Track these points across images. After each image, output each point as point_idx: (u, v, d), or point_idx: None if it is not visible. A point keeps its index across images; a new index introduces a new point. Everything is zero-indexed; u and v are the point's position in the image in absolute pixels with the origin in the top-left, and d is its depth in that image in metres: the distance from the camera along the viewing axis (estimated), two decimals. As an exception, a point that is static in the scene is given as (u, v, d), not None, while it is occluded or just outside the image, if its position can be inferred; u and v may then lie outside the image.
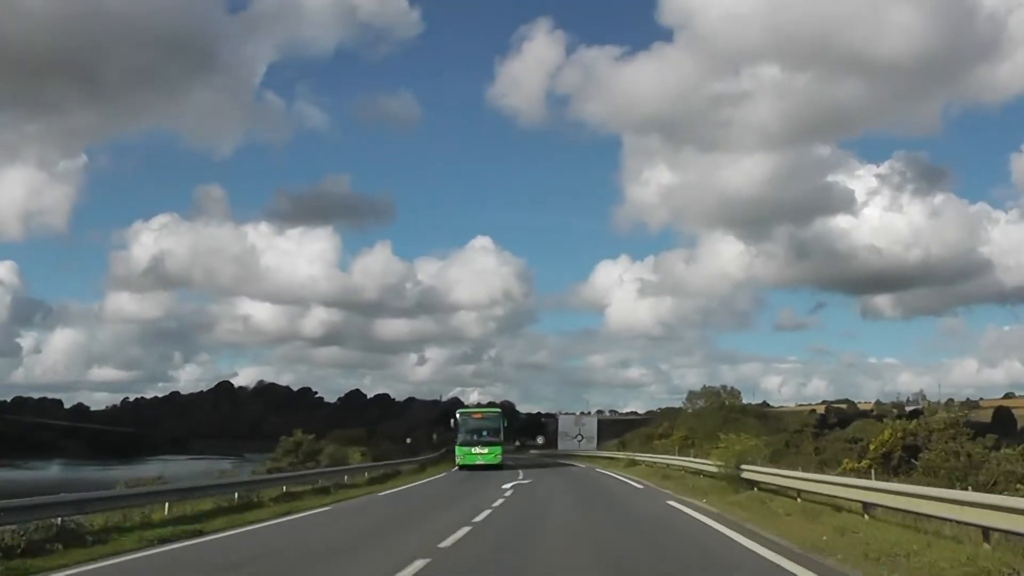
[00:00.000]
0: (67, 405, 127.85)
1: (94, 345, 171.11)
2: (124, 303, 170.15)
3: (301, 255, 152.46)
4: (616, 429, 76.93)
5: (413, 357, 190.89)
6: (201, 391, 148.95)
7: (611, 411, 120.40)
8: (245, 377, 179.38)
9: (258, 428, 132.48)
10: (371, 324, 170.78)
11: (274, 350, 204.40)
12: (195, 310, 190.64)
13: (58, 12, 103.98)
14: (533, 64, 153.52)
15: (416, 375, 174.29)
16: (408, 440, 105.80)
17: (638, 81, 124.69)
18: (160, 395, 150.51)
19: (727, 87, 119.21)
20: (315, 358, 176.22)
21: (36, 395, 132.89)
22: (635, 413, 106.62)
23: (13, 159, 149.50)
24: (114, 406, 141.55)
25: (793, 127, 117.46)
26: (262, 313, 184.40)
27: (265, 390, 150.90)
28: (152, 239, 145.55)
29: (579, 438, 66.34)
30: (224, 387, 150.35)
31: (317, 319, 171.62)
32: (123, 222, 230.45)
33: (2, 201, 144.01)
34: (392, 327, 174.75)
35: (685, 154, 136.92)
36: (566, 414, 73.12)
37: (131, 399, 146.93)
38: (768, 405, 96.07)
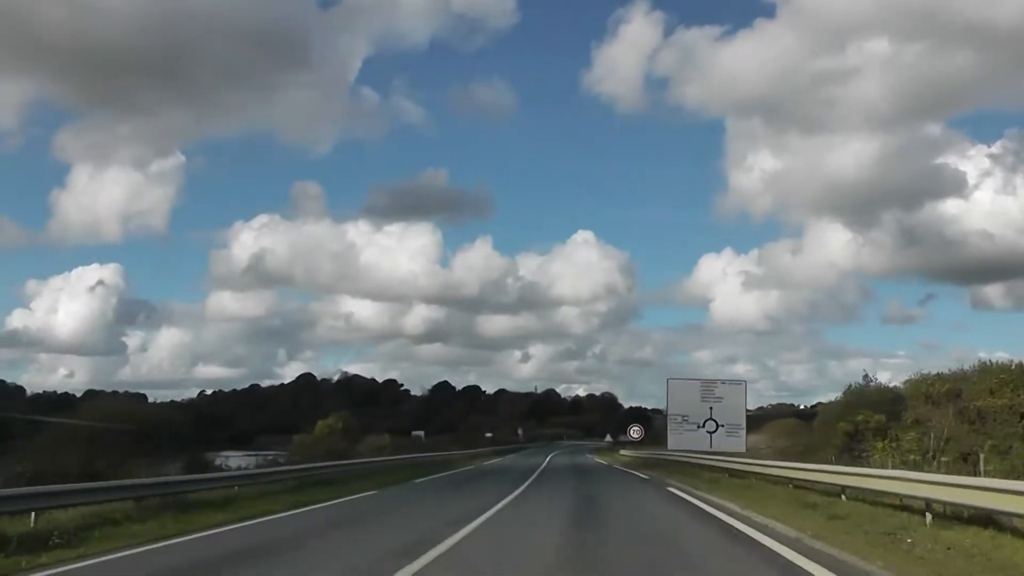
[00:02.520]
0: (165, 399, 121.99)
1: (198, 344, 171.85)
2: (226, 302, 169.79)
3: (401, 251, 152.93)
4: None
5: (517, 354, 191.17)
6: (281, 384, 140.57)
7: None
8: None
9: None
10: (473, 320, 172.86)
11: (377, 347, 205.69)
12: (297, 308, 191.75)
13: (146, 10, 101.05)
14: (630, 47, 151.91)
15: (520, 371, 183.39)
16: (489, 435, 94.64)
17: (739, 61, 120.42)
18: (238, 388, 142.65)
19: (832, 63, 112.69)
20: (419, 355, 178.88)
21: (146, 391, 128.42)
22: (747, 409, 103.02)
23: (110, 161, 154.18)
24: (190, 400, 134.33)
25: (901, 105, 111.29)
26: (364, 310, 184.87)
27: (348, 383, 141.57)
28: (252, 238, 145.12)
29: (710, 426, 36.08)
30: (305, 379, 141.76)
31: (419, 316, 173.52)
32: (221, 221, 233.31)
33: (103, 203, 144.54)
34: (495, 323, 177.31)
35: (789, 137, 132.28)
36: (683, 380, 38.79)
37: (208, 393, 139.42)
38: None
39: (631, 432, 60.33)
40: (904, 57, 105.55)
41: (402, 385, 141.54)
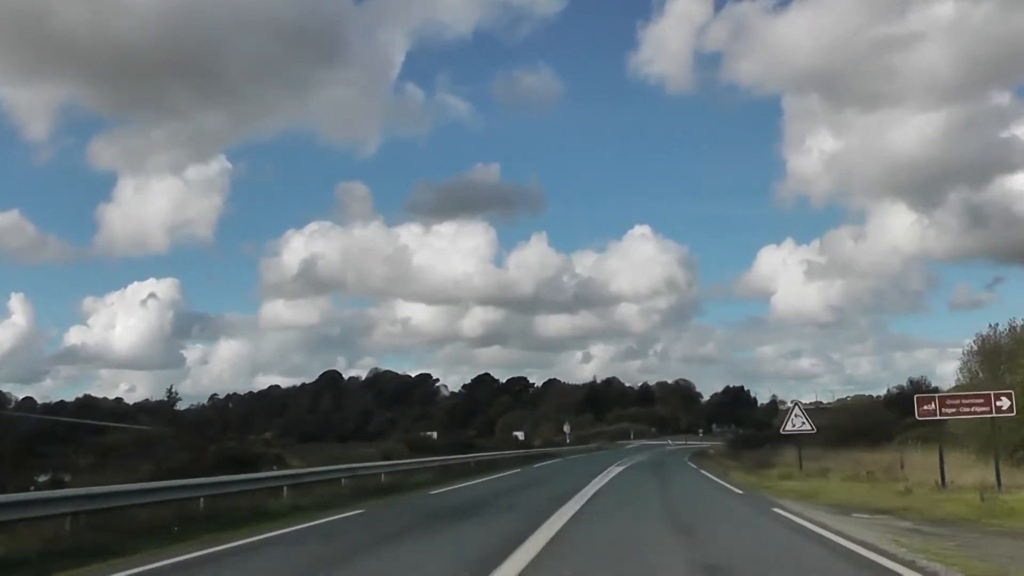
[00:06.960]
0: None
1: (257, 354, 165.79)
2: (280, 310, 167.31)
3: (454, 251, 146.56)
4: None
5: (578, 354, 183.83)
6: (303, 384, 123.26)
7: (792, 402, 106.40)
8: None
9: (364, 425, 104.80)
10: (531, 321, 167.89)
11: (437, 352, 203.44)
12: (353, 315, 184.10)
13: (173, 7, 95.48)
14: (679, 24, 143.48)
15: (582, 372, 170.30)
16: (517, 434, 74.90)
17: (795, 31, 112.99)
18: (255, 390, 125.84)
19: (893, 30, 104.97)
20: (478, 358, 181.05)
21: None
22: (820, 403, 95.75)
23: (150, 169, 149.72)
24: (202, 404, 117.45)
25: (967, 72, 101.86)
26: (420, 314, 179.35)
27: (376, 379, 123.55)
28: (302, 243, 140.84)
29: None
30: (329, 377, 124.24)
31: (476, 318, 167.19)
32: (268, 227, 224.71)
33: (149, 215, 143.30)
34: (553, 323, 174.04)
35: (848, 114, 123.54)
36: None
37: (220, 396, 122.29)
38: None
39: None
40: (970, 20, 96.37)
41: (437, 380, 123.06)
